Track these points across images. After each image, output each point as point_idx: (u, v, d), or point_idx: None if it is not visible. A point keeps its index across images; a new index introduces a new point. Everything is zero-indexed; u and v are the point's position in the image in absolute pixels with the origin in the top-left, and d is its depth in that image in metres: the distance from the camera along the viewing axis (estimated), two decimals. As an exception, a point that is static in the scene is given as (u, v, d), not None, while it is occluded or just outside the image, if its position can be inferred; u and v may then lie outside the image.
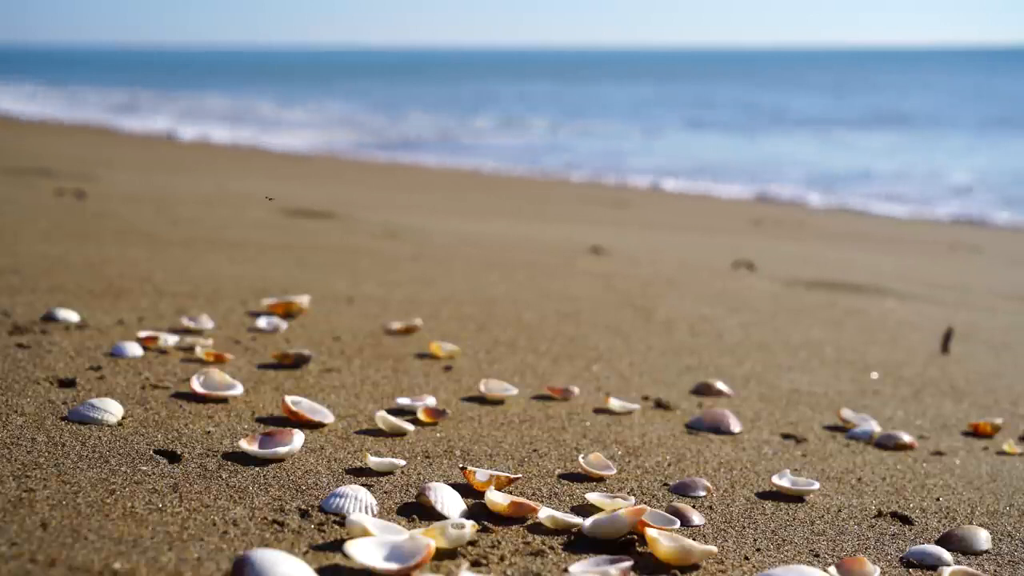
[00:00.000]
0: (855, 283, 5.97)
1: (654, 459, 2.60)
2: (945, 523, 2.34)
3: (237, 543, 1.84)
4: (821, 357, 3.95)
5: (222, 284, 4.27)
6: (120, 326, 3.41)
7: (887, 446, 2.89)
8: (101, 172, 9.42)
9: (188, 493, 2.05)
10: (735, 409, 3.11)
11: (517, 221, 8.42)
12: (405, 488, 2.22)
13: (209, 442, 2.37)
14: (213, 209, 7.03)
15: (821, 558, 2.07)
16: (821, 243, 8.68)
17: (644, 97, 39.58)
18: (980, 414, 3.35)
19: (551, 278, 5.25)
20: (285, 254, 5.32)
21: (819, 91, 44.76)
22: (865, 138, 22.82)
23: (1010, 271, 7.83)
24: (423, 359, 3.38)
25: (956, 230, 10.87)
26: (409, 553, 1.79)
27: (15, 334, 3.15)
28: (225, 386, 2.73)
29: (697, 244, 7.81)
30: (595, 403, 3.06)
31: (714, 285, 5.47)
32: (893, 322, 4.85)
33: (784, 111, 31.65)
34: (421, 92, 41.68)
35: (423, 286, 4.69)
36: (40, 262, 4.37)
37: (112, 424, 2.42)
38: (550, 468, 2.45)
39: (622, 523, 2.01)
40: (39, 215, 5.87)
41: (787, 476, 2.45)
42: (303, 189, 9.79)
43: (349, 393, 2.92)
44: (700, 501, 2.33)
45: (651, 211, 10.90)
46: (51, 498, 1.94)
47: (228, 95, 36.88)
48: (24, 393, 2.58)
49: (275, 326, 3.56)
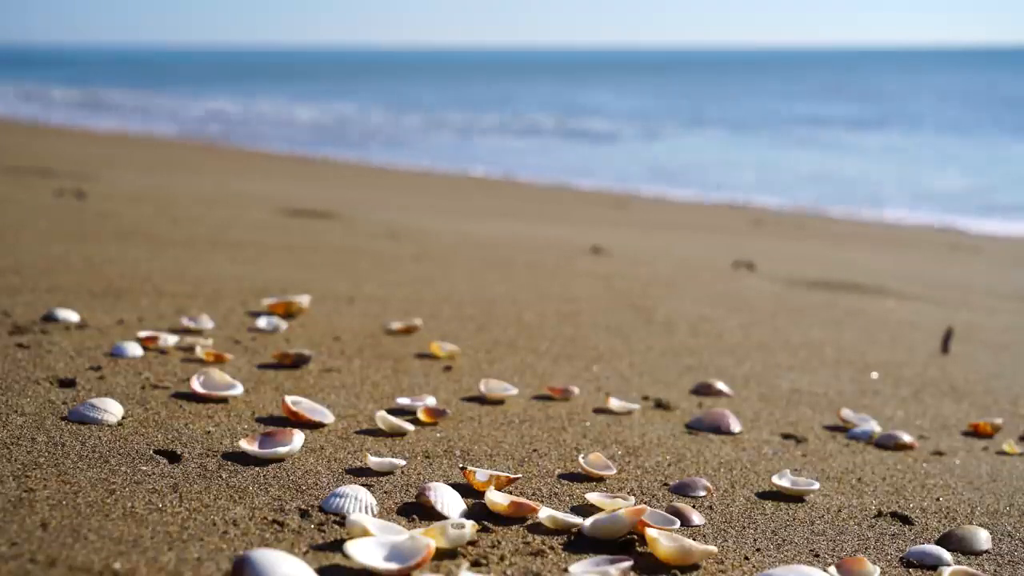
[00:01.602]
0: (855, 283, 5.97)
1: (654, 459, 2.59)
2: (945, 523, 2.34)
3: (237, 543, 1.84)
4: (821, 357, 3.95)
5: (222, 284, 4.27)
6: (120, 326, 3.41)
7: (887, 446, 2.89)
8: (101, 172, 9.42)
9: (188, 493, 2.04)
10: (735, 409, 3.11)
11: (517, 221, 8.42)
12: (405, 488, 2.22)
13: (209, 442, 2.37)
14: (213, 209, 7.03)
15: (821, 558, 2.07)
16: (821, 243, 8.68)
17: (644, 97, 39.57)
18: (980, 414, 3.35)
19: (551, 278, 5.25)
20: (285, 254, 5.32)
21: (819, 90, 44.75)
22: (864, 138, 22.81)
23: (1010, 271, 7.83)
24: (423, 359, 3.38)
25: (956, 230, 10.88)
26: (409, 553, 1.79)
27: (15, 334, 3.15)
28: (225, 386, 2.73)
29: (697, 244, 7.81)
30: (595, 403, 3.05)
31: (714, 285, 5.47)
32: (893, 322, 4.85)
33: (784, 111, 31.64)
34: (420, 92, 41.66)
35: (423, 286, 4.69)
36: (40, 262, 4.37)
37: (112, 424, 2.42)
38: (550, 468, 2.45)
39: (622, 523, 2.01)
40: (39, 215, 5.87)
41: (787, 476, 2.45)
42: (303, 189, 9.79)
43: (349, 393, 2.92)
44: (700, 501, 2.33)
45: (651, 211, 10.91)
46: (51, 498, 1.94)
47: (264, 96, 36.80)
48: (24, 393, 2.58)
49: (275, 326, 3.56)
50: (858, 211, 12.43)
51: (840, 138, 22.88)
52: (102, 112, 26.69)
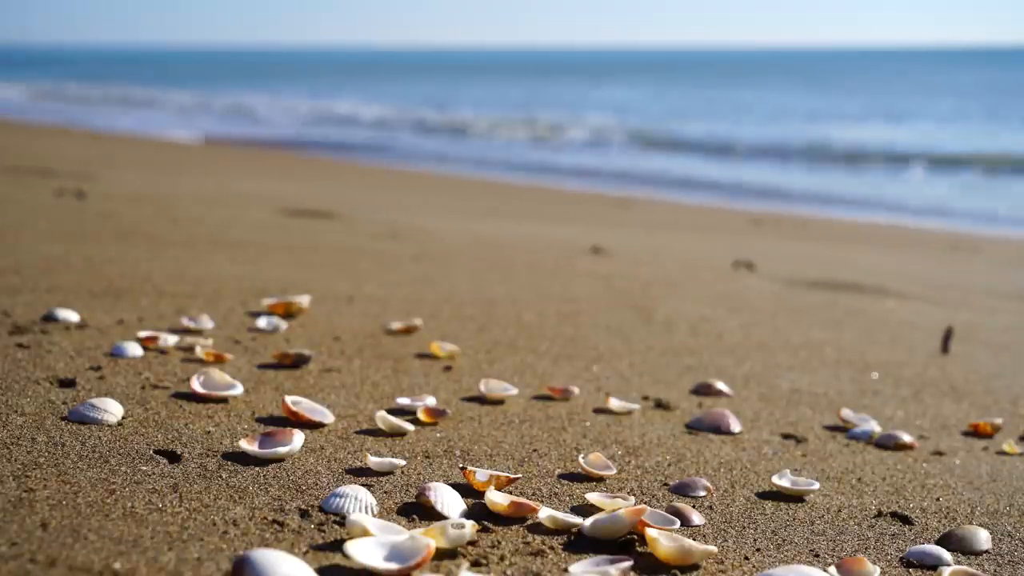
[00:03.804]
0: (855, 283, 5.97)
1: (654, 459, 2.59)
2: (945, 523, 2.34)
3: (237, 543, 1.84)
4: (821, 357, 3.95)
5: (222, 284, 4.27)
6: (120, 326, 3.41)
7: (887, 446, 2.89)
8: (101, 172, 9.42)
9: (188, 493, 2.05)
10: (735, 409, 3.11)
11: (517, 221, 8.42)
12: (405, 488, 2.22)
13: (209, 442, 2.37)
14: (213, 209, 7.03)
15: (821, 558, 2.07)
16: (821, 243, 8.68)
17: (644, 97, 39.56)
18: (980, 414, 3.35)
19: (551, 278, 5.25)
20: (285, 254, 5.32)
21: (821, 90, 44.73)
22: (865, 137, 22.80)
23: (1010, 271, 7.83)
24: (423, 359, 3.38)
25: (956, 230, 10.87)
26: (409, 553, 1.79)
27: (15, 334, 3.15)
28: (225, 386, 2.73)
29: (697, 244, 7.81)
30: (595, 403, 3.05)
31: (714, 285, 5.47)
32: (893, 322, 4.85)
33: (785, 110, 31.63)
34: (423, 92, 41.65)
35: (423, 286, 4.69)
36: (40, 262, 4.37)
37: (112, 424, 2.42)
38: (550, 468, 2.45)
39: (622, 523, 2.01)
40: (39, 215, 5.87)
41: (787, 476, 2.45)
42: (303, 189, 9.79)
43: (349, 393, 2.92)
44: (700, 501, 2.33)
45: (651, 211, 10.90)
46: (51, 498, 1.94)
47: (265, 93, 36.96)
48: (24, 393, 2.58)
49: (275, 326, 3.56)
50: (858, 211, 12.43)
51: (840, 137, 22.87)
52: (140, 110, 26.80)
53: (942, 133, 23.81)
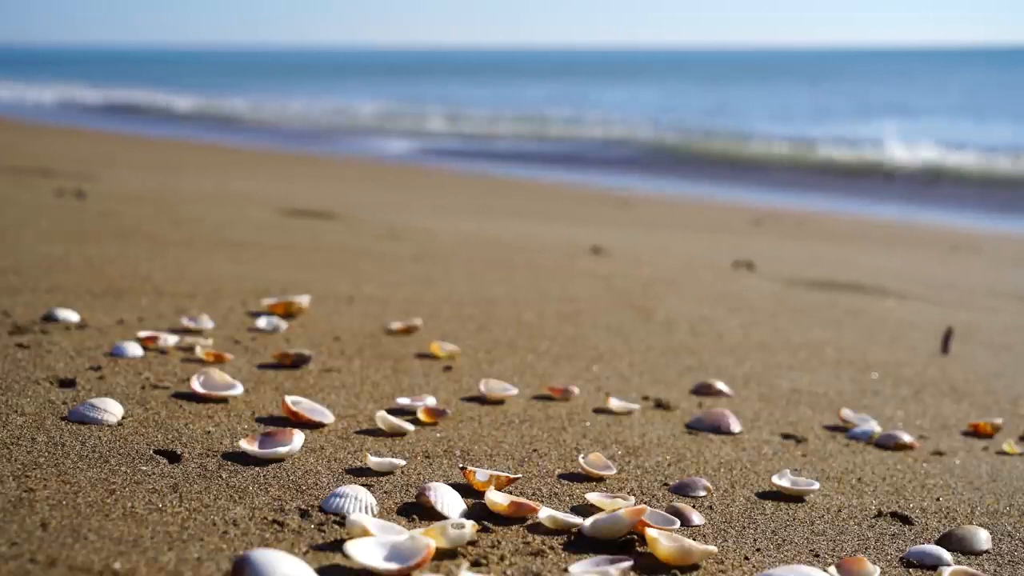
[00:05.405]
0: (855, 283, 5.97)
1: (654, 459, 2.60)
2: (945, 523, 2.34)
3: (237, 543, 1.84)
4: (821, 357, 3.95)
5: (222, 284, 4.27)
6: (120, 326, 3.41)
7: (887, 446, 2.89)
8: (101, 172, 9.42)
9: (188, 493, 2.05)
10: (735, 409, 3.11)
11: (517, 221, 8.42)
12: (405, 488, 2.22)
13: (209, 442, 2.37)
14: (214, 209, 7.03)
15: (821, 558, 2.07)
16: (821, 243, 8.68)
17: (645, 97, 39.57)
18: (980, 414, 3.35)
19: (551, 278, 5.25)
20: (286, 254, 5.32)
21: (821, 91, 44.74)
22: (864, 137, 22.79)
23: (1010, 271, 7.83)
24: (423, 359, 3.38)
25: (956, 230, 10.87)
26: (409, 553, 1.79)
27: (15, 334, 3.15)
28: (225, 386, 2.73)
29: (697, 244, 7.81)
30: (595, 403, 3.06)
31: (714, 285, 5.47)
32: (893, 322, 4.85)
33: (786, 110, 31.64)
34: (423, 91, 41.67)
35: (423, 286, 4.69)
36: (40, 262, 4.37)
37: (112, 424, 2.42)
38: (550, 468, 2.45)
39: (622, 523, 2.01)
40: (39, 215, 5.87)
41: (787, 476, 2.45)
42: (303, 189, 9.79)
43: (349, 393, 2.92)
44: (700, 501, 2.33)
45: (651, 211, 10.90)
46: (51, 498, 1.94)
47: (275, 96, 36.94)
48: (24, 393, 2.58)
49: (275, 326, 3.56)
50: (858, 210, 12.43)
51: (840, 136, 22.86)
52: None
53: (942, 133, 23.78)
